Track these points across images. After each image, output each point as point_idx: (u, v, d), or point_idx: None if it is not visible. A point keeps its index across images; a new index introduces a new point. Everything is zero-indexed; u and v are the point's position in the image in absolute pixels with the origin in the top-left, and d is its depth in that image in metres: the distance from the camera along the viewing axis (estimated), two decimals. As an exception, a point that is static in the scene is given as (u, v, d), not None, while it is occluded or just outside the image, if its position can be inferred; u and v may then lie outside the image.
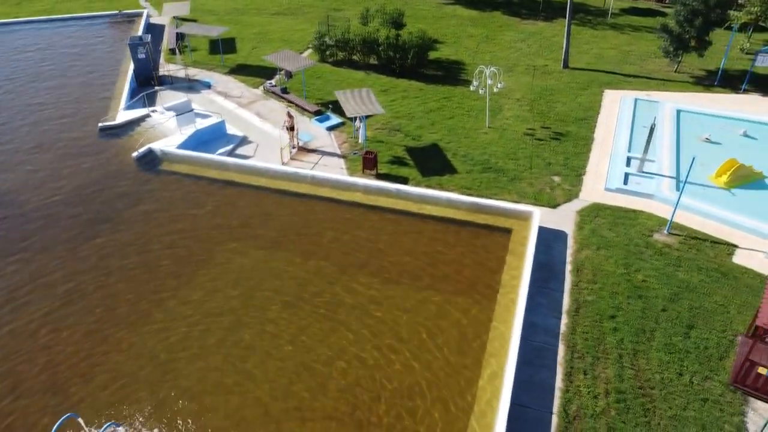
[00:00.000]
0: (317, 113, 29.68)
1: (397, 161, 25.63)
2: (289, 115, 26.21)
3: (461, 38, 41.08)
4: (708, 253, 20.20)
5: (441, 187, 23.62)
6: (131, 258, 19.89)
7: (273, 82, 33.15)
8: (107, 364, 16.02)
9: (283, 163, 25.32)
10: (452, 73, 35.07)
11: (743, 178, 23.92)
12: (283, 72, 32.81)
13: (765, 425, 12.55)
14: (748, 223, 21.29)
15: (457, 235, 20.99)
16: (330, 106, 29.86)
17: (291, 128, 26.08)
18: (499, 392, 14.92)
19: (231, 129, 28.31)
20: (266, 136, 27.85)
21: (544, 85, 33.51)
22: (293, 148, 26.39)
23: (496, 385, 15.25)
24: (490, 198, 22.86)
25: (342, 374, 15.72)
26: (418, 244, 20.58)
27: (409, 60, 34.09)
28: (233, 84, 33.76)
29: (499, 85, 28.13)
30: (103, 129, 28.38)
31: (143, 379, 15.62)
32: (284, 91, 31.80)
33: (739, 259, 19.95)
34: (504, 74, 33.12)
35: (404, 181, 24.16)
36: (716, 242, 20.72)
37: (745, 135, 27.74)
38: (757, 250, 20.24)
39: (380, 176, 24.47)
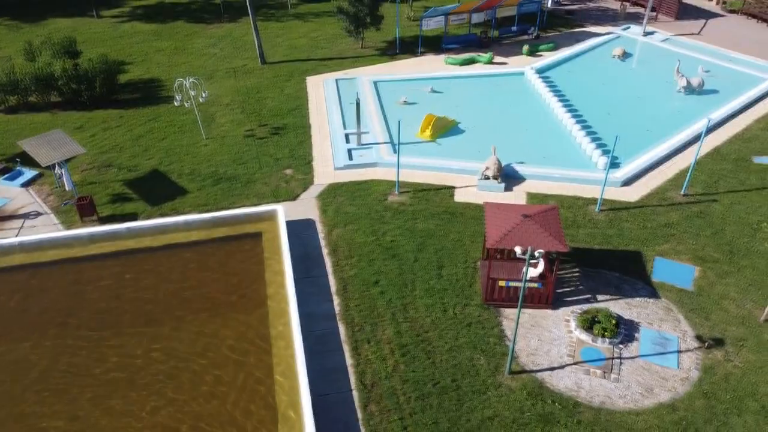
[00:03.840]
0: (4, 171, 25.33)
1: (119, 198, 23.32)
2: None
3: (150, 54, 38.76)
4: (434, 200, 22.67)
5: (176, 212, 22.24)
6: None
7: (-69, 148, 27.26)
8: None
9: (-24, 239, 21.13)
10: (151, 93, 32.97)
11: (442, 128, 27.28)
12: (-59, 134, 27.16)
13: (516, 326, 14.70)
14: (456, 165, 24.43)
15: (209, 254, 20.00)
16: (18, 159, 25.68)
17: None
18: (297, 392, 14.78)
19: None
20: (-57, 213, 22.87)
21: (248, 84, 33.56)
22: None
23: (293, 386, 15.07)
24: (230, 208, 22.28)
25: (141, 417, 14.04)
26: (172, 276, 19.10)
27: (97, 89, 30.96)
28: None
29: (203, 95, 27.24)
30: None
31: None
32: (-49, 155, 26.37)
33: (459, 197, 22.82)
34: (206, 82, 32.29)
35: (133, 217, 22.13)
36: (438, 189, 23.34)
37: (433, 91, 31.60)
38: (470, 186, 23.37)
39: (104, 219, 22.02)
